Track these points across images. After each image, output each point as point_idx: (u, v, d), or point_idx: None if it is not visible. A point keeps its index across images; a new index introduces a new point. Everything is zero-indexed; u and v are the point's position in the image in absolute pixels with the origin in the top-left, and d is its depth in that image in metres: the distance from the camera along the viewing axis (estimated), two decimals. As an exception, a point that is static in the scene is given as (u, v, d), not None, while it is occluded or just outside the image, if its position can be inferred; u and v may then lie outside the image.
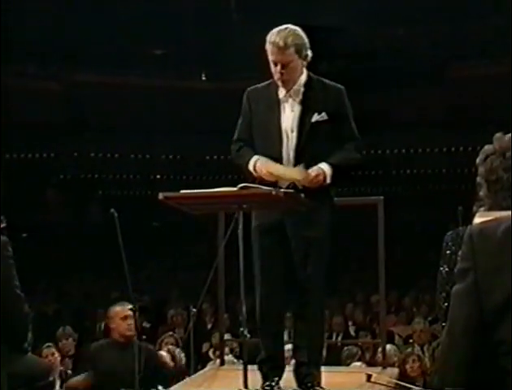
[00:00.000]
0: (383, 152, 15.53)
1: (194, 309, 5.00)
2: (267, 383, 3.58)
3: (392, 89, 14.38)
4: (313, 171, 3.49)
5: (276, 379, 3.56)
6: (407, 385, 3.69)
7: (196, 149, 15.44)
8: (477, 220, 2.14)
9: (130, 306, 4.78)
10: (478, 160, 2.36)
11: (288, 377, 3.69)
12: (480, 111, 13.65)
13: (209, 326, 9.42)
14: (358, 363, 6.24)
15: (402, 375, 5.53)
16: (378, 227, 4.25)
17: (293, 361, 3.76)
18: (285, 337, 4.47)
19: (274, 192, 3.31)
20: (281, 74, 3.53)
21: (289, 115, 3.60)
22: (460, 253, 1.29)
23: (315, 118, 3.56)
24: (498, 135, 2.35)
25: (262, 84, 3.70)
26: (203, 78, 15.22)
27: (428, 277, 9.58)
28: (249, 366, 3.47)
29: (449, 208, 5.50)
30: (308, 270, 3.57)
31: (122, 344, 5.05)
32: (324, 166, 3.51)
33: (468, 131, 13.25)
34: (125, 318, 5.08)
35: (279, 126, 3.59)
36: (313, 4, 14.62)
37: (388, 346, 5.83)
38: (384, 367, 4.38)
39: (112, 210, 4.72)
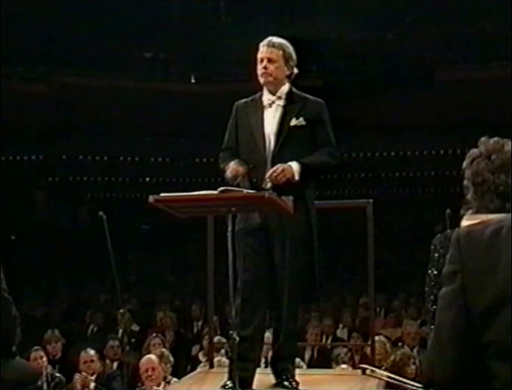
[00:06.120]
0: (372, 155, 15.57)
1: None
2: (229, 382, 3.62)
3: (381, 93, 14.41)
4: (278, 166, 3.60)
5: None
6: (401, 378, 3.69)
7: (185, 151, 15.42)
8: (464, 223, 2.15)
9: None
10: (464, 164, 2.37)
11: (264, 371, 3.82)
12: (468, 115, 13.71)
13: (198, 328, 9.42)
14: (345, 365, 6.25)
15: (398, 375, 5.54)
16: (367, 230, 4.26)
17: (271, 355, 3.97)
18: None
19: (267, 195, 3.33)
20: (265, 68, 3.71)
21: (271, 120, 3.78)
22: (448, 255, 1.30)
23: (294, 122, 3.73)
24: (484, 138, 2.36)
25: (250, 97, 3.90)
26: (192, 81, 15.20)
27: (417, 280, 9.62)
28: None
29: (438, 211, 5.53)
30: (284, 271, 3.65)
31: None
32: (292, 164, 3.63)
33: (456, 134, 13.31)
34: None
35: (263, 130, 3.76)
36: (302, 9, 14.64)
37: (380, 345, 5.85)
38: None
39: (101, 212, 4.71)
